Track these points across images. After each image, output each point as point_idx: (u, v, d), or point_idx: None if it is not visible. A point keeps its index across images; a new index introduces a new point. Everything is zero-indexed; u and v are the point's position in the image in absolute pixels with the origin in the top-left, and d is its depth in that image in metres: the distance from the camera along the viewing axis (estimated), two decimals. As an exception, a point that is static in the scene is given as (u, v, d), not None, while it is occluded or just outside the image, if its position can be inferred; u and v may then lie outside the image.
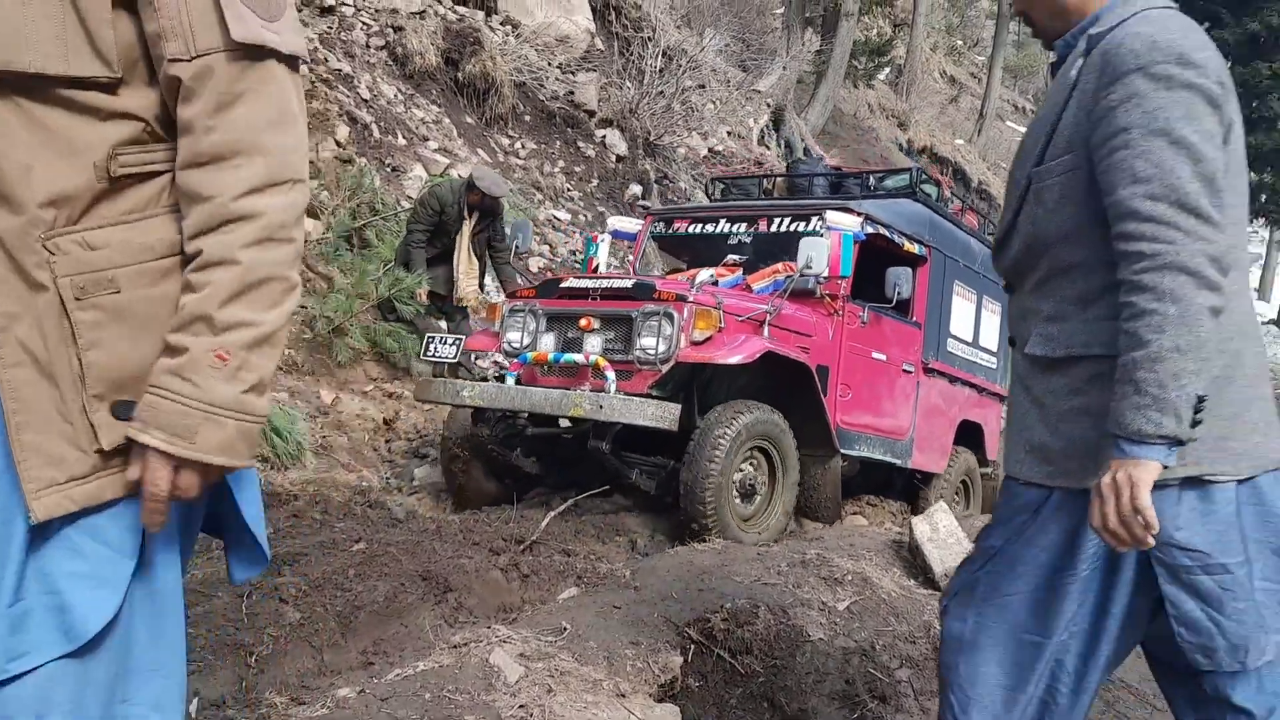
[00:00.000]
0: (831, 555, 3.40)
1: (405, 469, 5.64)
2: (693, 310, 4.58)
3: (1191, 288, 1.59)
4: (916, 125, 30.40)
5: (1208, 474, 1.67)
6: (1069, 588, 1.74)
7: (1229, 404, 1.70)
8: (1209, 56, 1.66)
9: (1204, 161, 1.62)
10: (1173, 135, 1.62)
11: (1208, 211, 1.61)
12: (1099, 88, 1.71)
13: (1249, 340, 1.76)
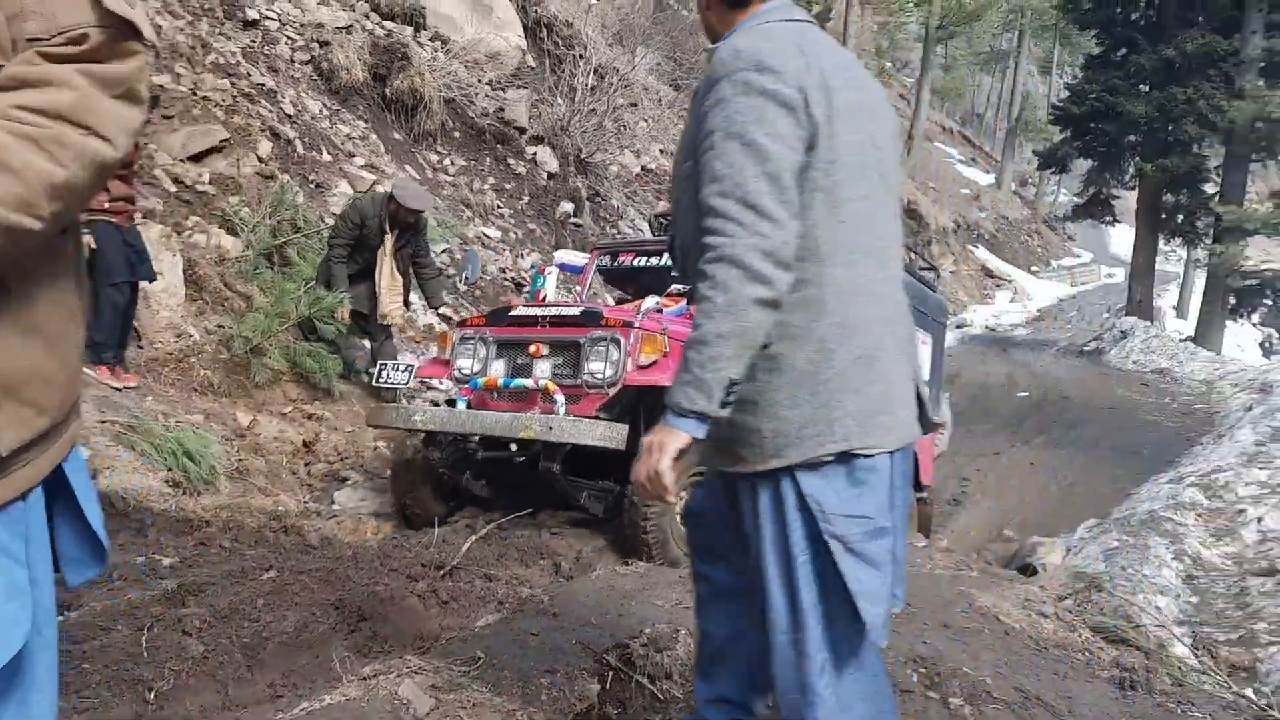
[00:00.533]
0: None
1: (325, 493, 5.49)
2: (639, 335, 4.75)
3: (739, 280, 1.72)
4: (847, 145, 30.81)
5: (857, 448, 1.81)
6: (798, 573, 1.83)
7: (878, 383, 1.86)
8: (789, 63, 1.79)
9: (771, 161, 1.74)
10: (745, 138, 1.75)
11: (768, 208, 1.74)
12: (702, 97, 1.86)
13: (891, 325, 1.93)
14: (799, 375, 1.84)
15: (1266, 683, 5.46)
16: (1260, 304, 22.32)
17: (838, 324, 1.85)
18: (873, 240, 1.92)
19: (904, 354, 1.97)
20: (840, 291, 1.86)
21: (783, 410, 1.84)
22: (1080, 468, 12.36)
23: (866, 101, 1.93)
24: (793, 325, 1.84)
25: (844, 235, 1.87)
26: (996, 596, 3.76)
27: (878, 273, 1.92)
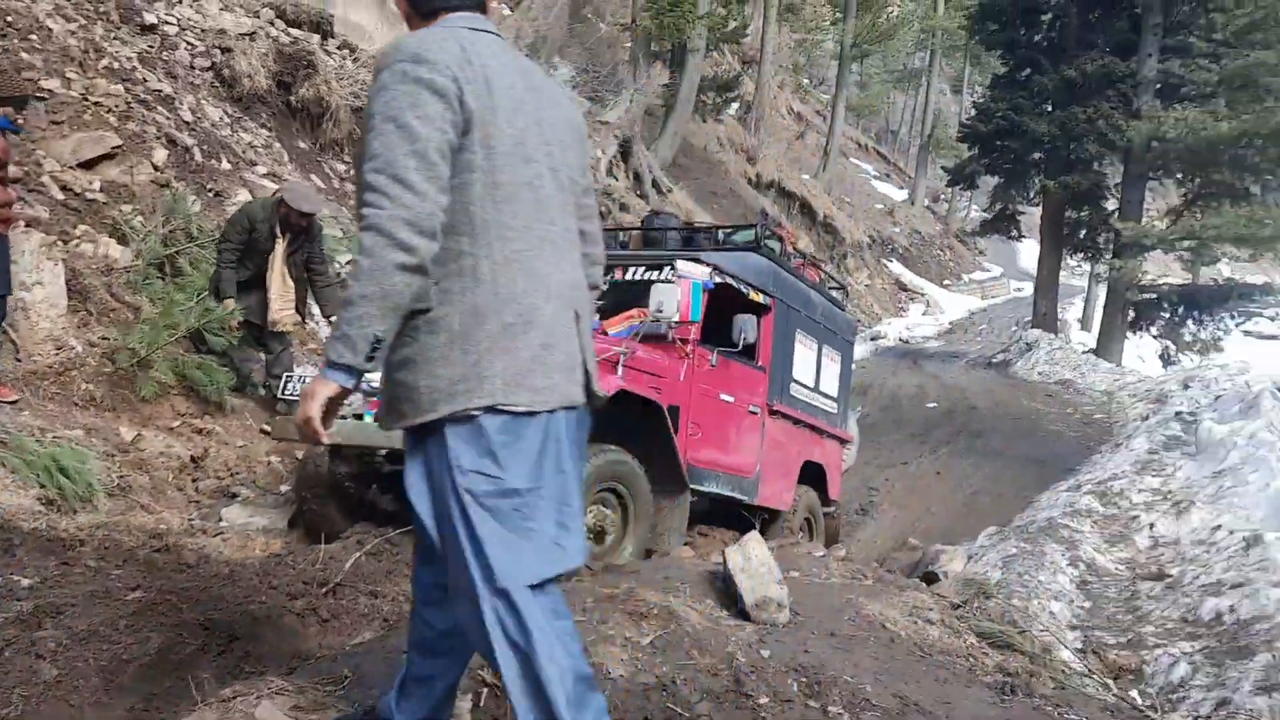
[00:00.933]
0: (642, 589, 3.33)
1: (213, 509, 5.32)
2: None
3: (383, 247, 1.90)
4: (765, 160, 31.18)
5: (502, 404, 1.99)
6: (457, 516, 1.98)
7: (528, 348, 2.05)
8: (444, 56, 2.01)
9: (419, 141, 1.94)
10: (398, 120, 1.94)
11: (413, 182, 1.92)
12: (372, 84, 2.06)
13: (552, 300, 2.11)
14: (453, 336, 2.02)
15: (1151, 684, 5.61)
16: (1158, 316, 23.09)
17: (491, 292, 2.05)
18: (534, 223, 2.12)
19: (567, 328, 2.15)
20: (494, 264, 2.06)
21: (438, 368, 2.02)
22: (985, 476, 12.61)
23: (537, 105, 2.18)
24: (450, 291, 2.04)
25: (502, 214, 2.07)
26: (884, 604, 3.79)
27: (539, 250, 2.12)
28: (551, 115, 2.23)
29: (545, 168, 2.17)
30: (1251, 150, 19.94)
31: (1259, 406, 11.06)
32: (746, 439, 6.27)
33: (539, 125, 2.17)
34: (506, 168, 2.08)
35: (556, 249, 2.18)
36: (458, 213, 2.03)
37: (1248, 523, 8.17)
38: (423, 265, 1.95)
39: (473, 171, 2.05)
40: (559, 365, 2.10)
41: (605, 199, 16.85)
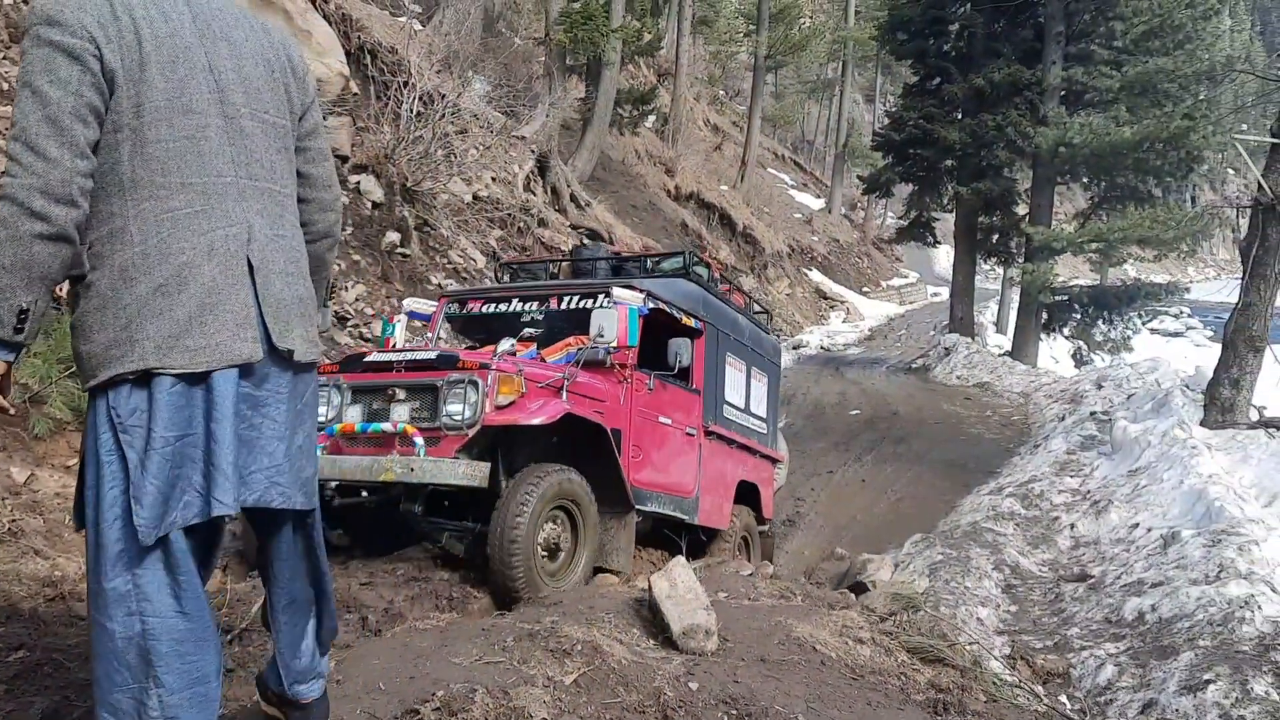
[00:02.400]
0: (564, 623, 3.20)
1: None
2: (496, 377, 4.83)
3: (18, 216, 1.90)
4: (683, 172, 31.28)
5: (156, 368, 2.02)
6: (103, 474, 2.02)
7: (183, 308, 2.05)
8: (80, 16, 1.98)
9: (51, 105, 1.93)
10: (32, 85, 1.95)
11: (45, 148, 1.92)
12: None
13: (214, 255, 2.10)
14: (103, 300, 2.03)
15: (1079, 688, 5.65)
16: (1070, 318, 23.66)
17: (141, 253, 2.04)
18: (197, 177, 2.11)
19: (235, 284, 2.13)
20: (145, 223, 2.05)
21: (93, 334, 2.04)
22: (908, 482, 12.73)
23: (212, 50, 2.16)
24: (102, 255, 2.05)
25: (153, 171, 2.06)
26: (814, 625, 3.72)
27: (202, 206, 2.11)
28: (235, 59, 2.21)
29: (216, 116, 2.15)
30: (1152, 154, 20.53)
31: (1170, 405, 11.34)
32: (685, 460, 6.41)
33: (210, 72, 2.16)
34: (158, 123, 2.07)
35: (228, 200, 2.15)
36: (107, 174, 2.04)
37: (1164, 519, 8.34)
38: (63, 233, 1.95)
39: (119, 131, 2.04)
40: (222, 324, 2.09)
41: (523, 214, 16.68)
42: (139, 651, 1.99)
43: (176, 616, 2.02)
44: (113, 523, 1.99)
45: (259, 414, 2.16)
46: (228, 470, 2.05)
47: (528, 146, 18.16)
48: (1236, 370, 10.79)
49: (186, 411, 2.05)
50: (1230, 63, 20.11)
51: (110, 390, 2.02)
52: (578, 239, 18.49)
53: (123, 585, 1.99)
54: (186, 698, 2.02)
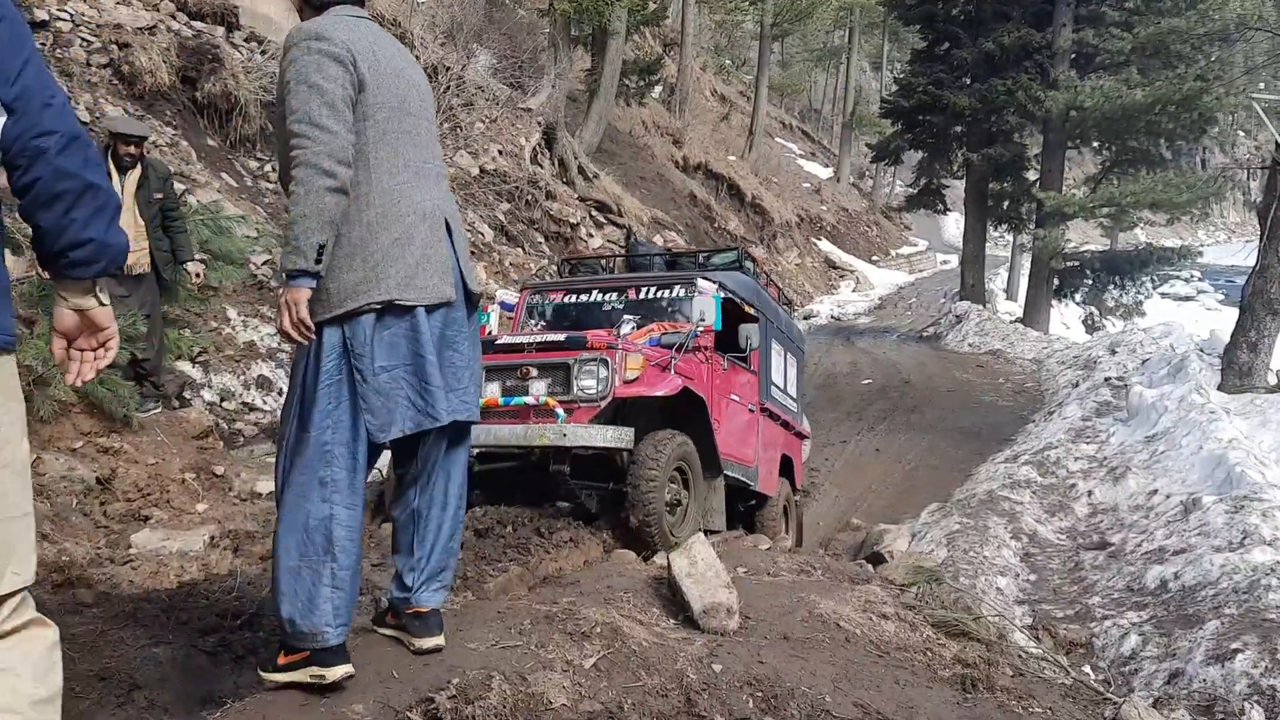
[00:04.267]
0: (581, 605, 3.12)
1: (122, 535, 4.97)
2: (623, 355, 5.49)
3: (314, 175, 2.47)
4: (690, 143, 31.03)
5: (397, 299, 2.62)
6: (322, 391, 2.57)
7: (412, 257, 2.67)
8: (338, 34, 2.60)
9: (327, 94, 2.53)
10: (309, 81, 2.53)
11: (327, 123, 2.51)
12: (282, 62, 2.65)
13: (427, 220, 2.74)
14: (353, 248, 2.60)
15: (1102, 657, 5.56)
16: (1082, 284, 23.45)
17: (380, 213, 2.65)
18: (412, 160, 2.75)
19: (439, 241, 2.77)
20: (384, 191, 2.66)
21: (343, 274, 2.59)
22: (923, 451, 12.63)
23: (412, 74, 2.83)
24: (349, 213, 2.60)
25: (386, 154, 2.69)
26: (837, 601, 3.63)
27: (416, 182, 2.75)
28: (420, 82, 2.88)
29: (422, 119, 2.83)
30: (1164, 117, 20.24)
31: (1186, 370, 11.19)
32: (748, 433, 7.07)
33: (415, 89, 2.82)
34: (393, 118, 2.70)
35: (429, 180, 2.81)
36: (356, 152, 2.60)
37: (1183, 486, 8.22)
38: (344, 187, 2.53)
39: (366, 120, 2.64)
40: (436, 272, 2.71)
41: (531, 187, 16.53)
42: (324, 531, 2.53)
43: (356, 509, 2.59)
44: (325, 429, 2.55)
45: (451, 348, 2.76)
46: (439, 390, 2.65)
47: (534, 119, 17.98)
48: (1254, 334, 10.66)
49: (405, 344, 2.63)
50: (1243, 21, 19.72)
51: (348, 323, 2.58)
52: (586, 211, 18.34)
53: (325, 476, 2.54)
54: (350, 574, 2.57)
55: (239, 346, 8.35)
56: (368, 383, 2.56)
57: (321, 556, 2.53)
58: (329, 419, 2.56)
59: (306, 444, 2.55)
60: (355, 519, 2.58)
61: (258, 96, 11.49)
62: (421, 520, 2.82)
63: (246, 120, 11.32)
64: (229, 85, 11.16)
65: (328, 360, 2.57)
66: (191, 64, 11.02)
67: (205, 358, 8.06)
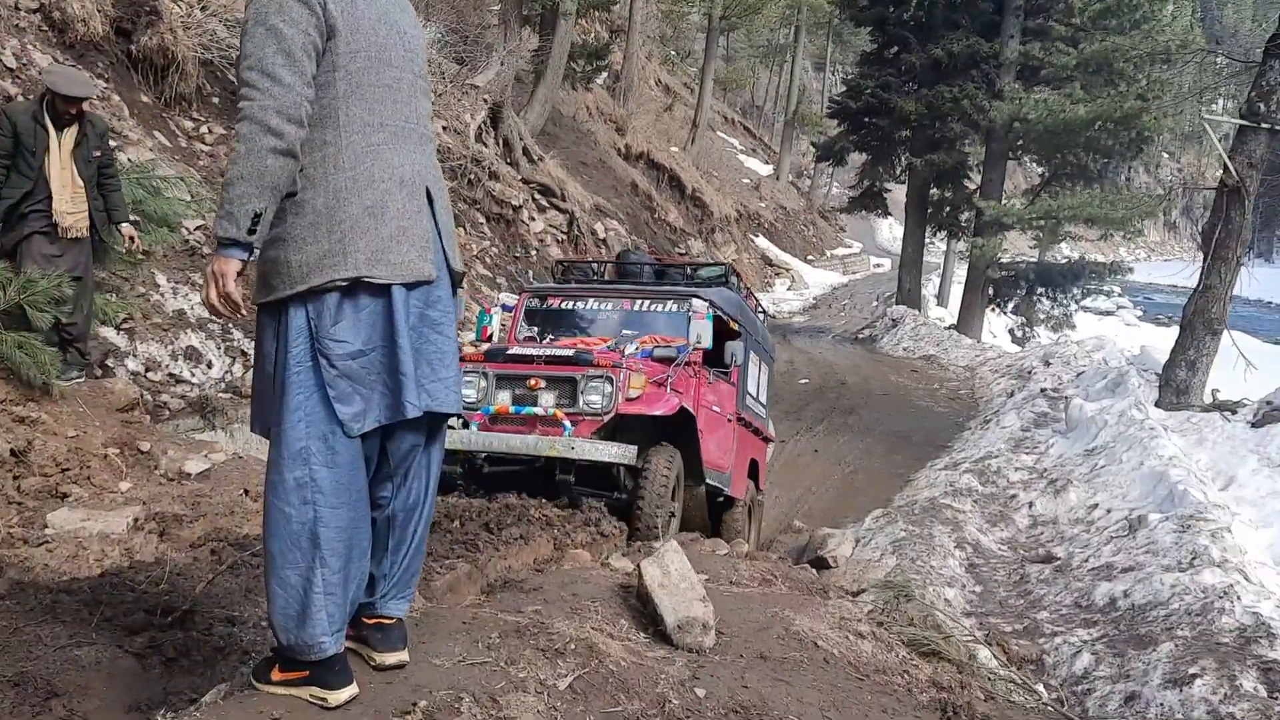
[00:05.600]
0: (551, 618, 2.88)
1: (37, 513, 4.60)
2: (627, 374, 5.90)
3: (258, 133, 2.17)
4: (634, 131, 30.76)
5: (366, 276, 2.30)
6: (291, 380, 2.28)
7: (385, 228, 2.35)
8: None
9: (285, 40, 2.21)
10: (267, 23, 2.22)
11: (281, 75, 2.20)
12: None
13: (404, 185, 2.42)
14: (318, 216, 2.30)
15: (1054, 675, 5.50)
16: (1015, 294, 23.78)
17: (351, 178, 2.34)
18: (391, 119, 2.43)
19: (418, 211, 2.45)
20: (355, 153, 2.35)
21: (307, 245, 2.28)
22: (860, 454, 12.61)
23: (400, 19, 2.48)
24: (315, 177, 2.31)
25: (360, 110, 2.37)
26: (812, 618, 3.45)
27: (394, 144, 2.43)
28: (409, 30, 2.53)
29: (406, 72, 2.48)
30: (1104, 133, 20.56)
31: (1125, 385, 11.31)
32: (726, 441, 7.44)
33: (399, 36, 2.47)
34: (369, 70, 2.37)
35: (410, 142, 2.47)
36: (324, 108, 2.32)
37: (1124, 501, 8.26)
38: (292, 150, 2.22)
39: (336, 71, 2.33)
40: (412, 246, 2.40)
41: (475, 166, 16.15)
42: (310, 536, 2.28)
43: (342, 508, 2.31)
44: (296, 424, 2.27)
45: (434, 330, 2.47)
46: (409, 380, 2.34)
47: (480, 96, 17.57)
48: (1194, 352, 10.79)
49: (377, 325, 2.34)
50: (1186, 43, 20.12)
51: (311, 301, 2.28)
52: (529, 195, 18.01)
53: (302, 477, 2.27)
54: (342, 577, 2.31)
55: (167, 315, 7.91)
56: (335, 367, 2.29)
57: (310, 562, 2.29)
58: (300, 411, 2.28)
59: (280, 441, 2.30)
60: (346, 518, 2.32)
61: (196, 54, 10.96)
62: (398, 525, 2.53)
63: (183, 78, 10.77)
64: (166, 40, 10.61)
65: (295, 345, 2.29)
66: (127, 15, 10.46)
67: (131, 325, 7.61)
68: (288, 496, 2.27)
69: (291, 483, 2.27)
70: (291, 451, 2.27)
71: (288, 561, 2.28)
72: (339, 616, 2.32)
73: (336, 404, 2.29)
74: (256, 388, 2.46)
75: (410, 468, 2.53)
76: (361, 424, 2.32)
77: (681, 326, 6.76)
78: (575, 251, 18.60)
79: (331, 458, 2.30)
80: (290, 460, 2.27)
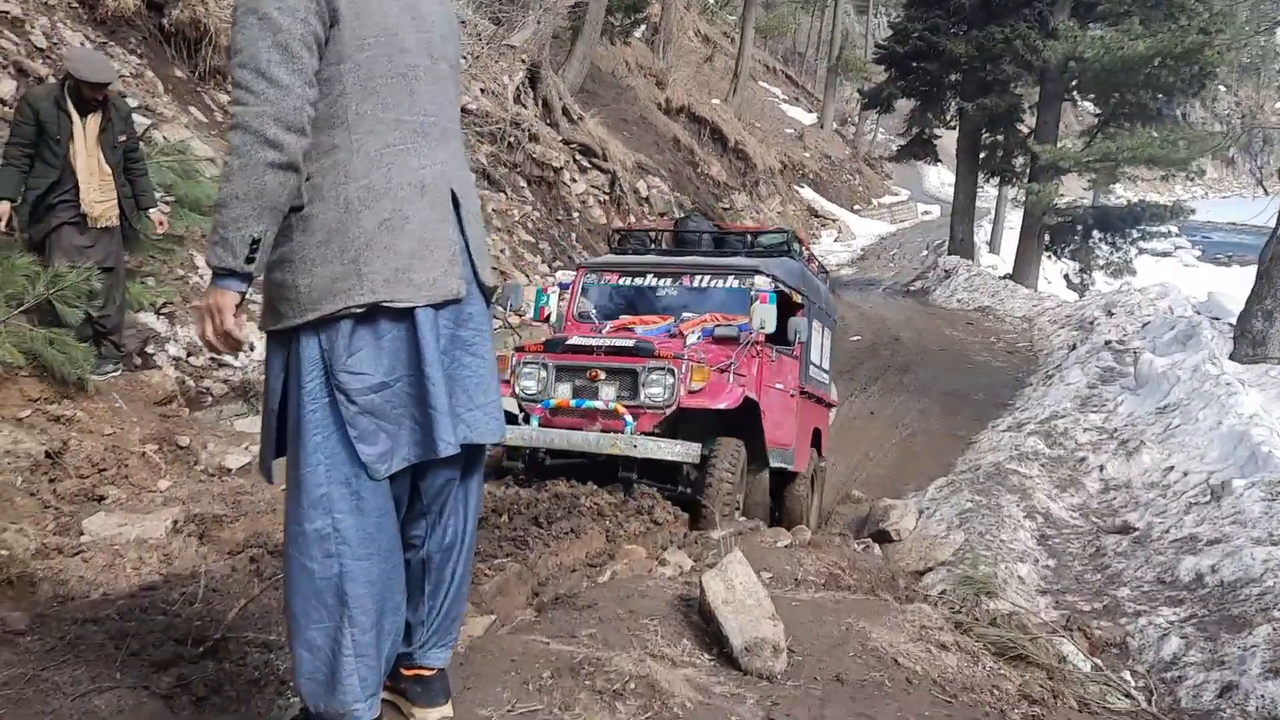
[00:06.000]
0: (606, 645, 2.65)
1: (74, 519, 4.44)
2: (689, 366, 5.81)
3: (253, 144, 1.88)
4: (674, 84, 30.19)
5: (385, 300, 2.01)
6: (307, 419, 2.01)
7: (406, 243, 2.05)
8: None
9: (281, 32, 1.90)
10: (259, 11, 1.90)
11: (277, 74, 1.89)
12: None
13: (425, 192, 2.10)
14: (328, 233, 2.00)
15: (1140, 660, 5.18)
16: (1072, 240, 23.06)
17: (365, 187, 2.03)
18: (409, 115, 2.10)
19: (443, 220, 2.13)
20: (368, 158, 2.04)
21: (315, 267, 1.99)
22: (918, 415, 12.25)
23: (410, 3, 2.14)
24: (323, 187, 2.01)
25: (374, 106, 2.05)
26: (889, 629, 3.18)
27: (413, 143, 2.10)
28: (431, 11, 2.20)
29: (423, 58, 2.15)
30: (1165, 70, 19.74)
31: (1199, 337, 10.81)
32: (790, 418, 7.28)
33: (418, 19, 2.15)
34: (380, 59, 2.06)
35: (432, 140, 2.16)
36: (331, 106, 2.01)
37: (1202, 463, 7.86)
38: (293, 162, 1.93)
39: (343, 63, 2.02)
40: (437, 261, 2.10)
41: (514, 129, 15.84)
42: (336, 592, 2.03)
43: (371, 559, 2.05)
44: (315, 467, 2.01)
45: (468, 352, 2.18)
46: (443, 414, 2.06)
47: (518, 56, 17.20)
48: (1270, 302, 10.28)
49: (401, 353, 2.05)
50: (1251, -27, 19.16)
51: (324, 329, 2.00)
52: (570, 155, 17.67)
53: (324, 528, 2.02)
54: (374, 635, 2.06)
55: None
56: (355, 403, 2.01)
57: (337, 621, 2.04)
58: (319, 454, 2.01)
59: (299, 487, 2.03)
60: (376, 571, 2.06)
61: (229, 25, 10.73)
62: (434, 567, 2.27)
63: (217, 50, 10.58)
64: (198, 12, 10.43)
65: (309, 379, 2.01)
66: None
67: (170, 309, 7.47)
68: (309, 549, 2.03)
69: (313, 534, 2.02)
70: (312, 499, 2.02)
71: (313, 621, 2.04)
72: (372, 680, 2.08)
73: (358, 444, 2.01)
74: (262, 425, 2.20)
75: (446, 504, 2.26)
76: (389, 465, 2.05)
77: (743, 301, 6.63)
78: (618, 212, 18.28)
79: (357, 504, 2.04)
80: (310, 509, 2.02)
